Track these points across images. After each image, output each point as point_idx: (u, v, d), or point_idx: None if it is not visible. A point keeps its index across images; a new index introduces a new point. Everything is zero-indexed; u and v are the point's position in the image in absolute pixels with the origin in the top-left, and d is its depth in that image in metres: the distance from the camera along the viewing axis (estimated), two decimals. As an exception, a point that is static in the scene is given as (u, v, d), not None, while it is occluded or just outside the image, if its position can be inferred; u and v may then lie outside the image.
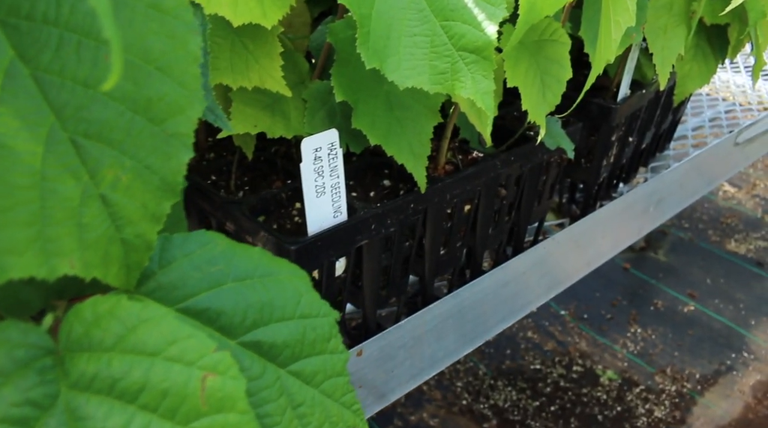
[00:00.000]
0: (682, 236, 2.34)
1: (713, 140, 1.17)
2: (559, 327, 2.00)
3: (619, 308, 2.06)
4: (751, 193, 2.51)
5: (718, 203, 2.47)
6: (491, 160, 0.69)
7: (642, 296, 2.10)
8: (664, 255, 2.25)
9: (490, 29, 0.46)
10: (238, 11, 0.49)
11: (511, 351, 1.90)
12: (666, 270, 2.20)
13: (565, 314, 2.03)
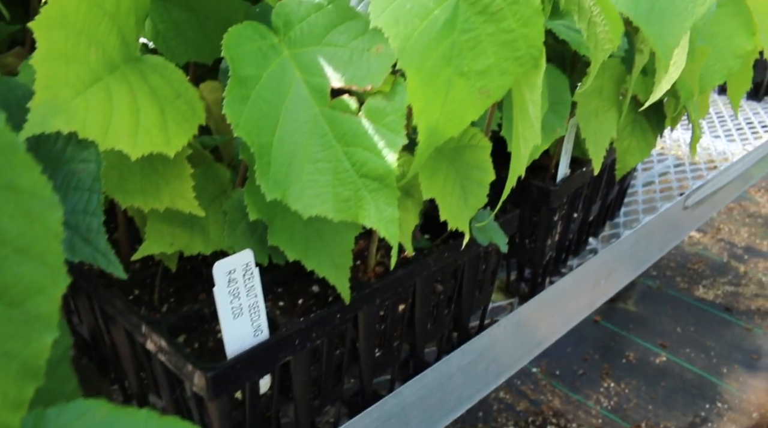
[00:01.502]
0: (650, 284, 2.34)
1: (663, 204, 1.18)
2: (532, 385, 1.97)
3: (591, 362, 2.04)
4: (716, 237, 2.53)
5: (684, 249, 2.48)
6: (424, 259, 0.68)
7: (613, 348, 2.09)
8: (633, 305, 2.25)
9: (390, 158, 0.45)
10: (139, 142, 0.48)
11: (484, 413, 1.87)
12: (636, 320, 2.19)
13: (537, 372, 2.01)
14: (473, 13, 0.44)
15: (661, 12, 0.52)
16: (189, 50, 0.67)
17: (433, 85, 0.44)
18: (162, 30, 0.66)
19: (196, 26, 0.68)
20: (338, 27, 0.48)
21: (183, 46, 0.66)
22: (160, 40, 0.66)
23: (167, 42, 0.66)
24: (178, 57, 0.66)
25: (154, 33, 0.66)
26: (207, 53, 0.68)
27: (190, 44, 0.67)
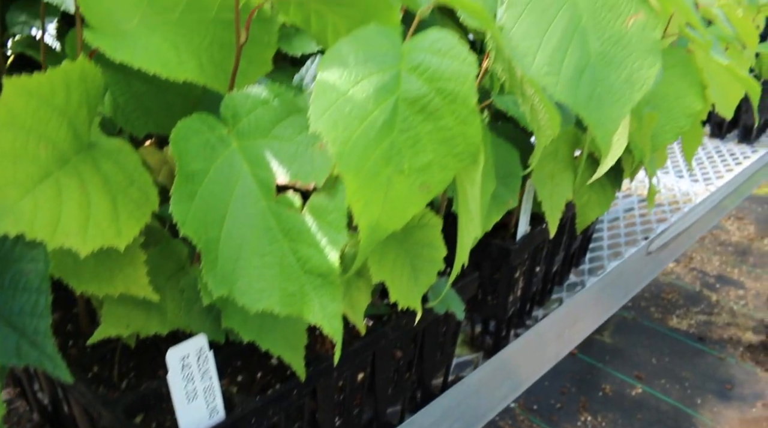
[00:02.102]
0: (626, 315, 2.36)
1: (628, 249, 1.20)
2: (510, 420, 1.97)
3: (568, 395, 2.05)
4: (688, 266, 2.56)
5: (658, 279, 2.51)
6: (382, 328, 0.68)
7: (590, 381, 2.10)
8: (609, 337, 2.26)
9: (332, 256, 0.46)
10: (89, 238, 0.48)
11: (461, 451, 1.86)
12: (612, 352, 2.20)
13: (514, 407, 2.01)
14: (412, 112, 0.46)
15: (599, 99, 0.54)
16: (149, 122, 0.68)
17: (372, 185, 0.45)
18: (122, 103, 0.67)
19: (157, 97, 0.69)
20: (284, 121, 0.50)
21: (143, 118, 0.67)
22: (119, 113, 0.67)
23: (127, 115, 0.67)
24: (139, 129, 0.67)
25: (114, 106, 0.67)
26: (168, 124, 0.69)
27: (150, 116, 0.68)
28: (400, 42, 0.47)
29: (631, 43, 0.55)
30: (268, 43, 0.58)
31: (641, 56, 0.55)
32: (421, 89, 0.46)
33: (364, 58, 0.46)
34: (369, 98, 0.45)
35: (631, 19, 0.55)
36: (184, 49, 0.54)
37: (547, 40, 0.53)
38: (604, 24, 0.55)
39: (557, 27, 0.53)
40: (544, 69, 0.52)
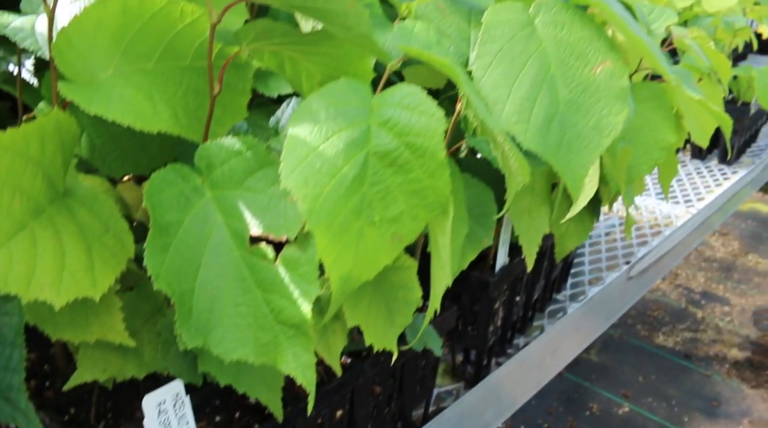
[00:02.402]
0: (612, 333, 2.37)
1: (609, 274, 1.21)
2: (497, 440, 1.97)
3: (555, 415, 2.05)
4: (674, 283, 2.58)
5: (644, 296, 2.52)
6: (360, 365, 0.69)
7: (577, 400, 2.11)
8: (596, 355, 2.27)
9: (305, 307, 0.46)
10: (63, 289, 0.49)
11: (448, 473, 1.86)
12: (599, 371, 2.21)
13: (501, 427, 2.01)
14: (383, 165, 0.47)
15: (568, 145, 0.55)
16: (127, 163, 0.68)
17: (343, 238, 0.45)
18: (99, 144, 0.67)
19: (134, 139, 0.69)
20: (257, 173, 0.50)
21: (121, 160, 0.68)
22: (96, 155, 0.67)
23: (104, 156, 0.67)
24: (116, 171, 0.68)
25: (91, 148, 0.67)
26: (145, 165, 0.69)
27: (128, 157, 0.68)
28: (370, 96, 0.48)
29: (599, 90, 0.56)
30: (243, 90, 0.59)
31: (609, 103, 0.56)
32: (391, 144, 0.46)
33: (334, 113, 0.46)
34: (339, 154, 0.45)
35: (599, 67, 0.56)
36: (158, 98, 0.54)
37: (517, 89, 0.54)
38: (572, 72, 0.56)
39: (526, 76, 0.54)
40: (513, 118, 0.53)
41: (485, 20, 0.55)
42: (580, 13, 0.58)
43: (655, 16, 0.89)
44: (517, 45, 0.55)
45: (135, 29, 0.55)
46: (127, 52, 0.55)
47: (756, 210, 3.10)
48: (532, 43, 0.56)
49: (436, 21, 0.64)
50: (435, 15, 0.64)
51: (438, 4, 0.65)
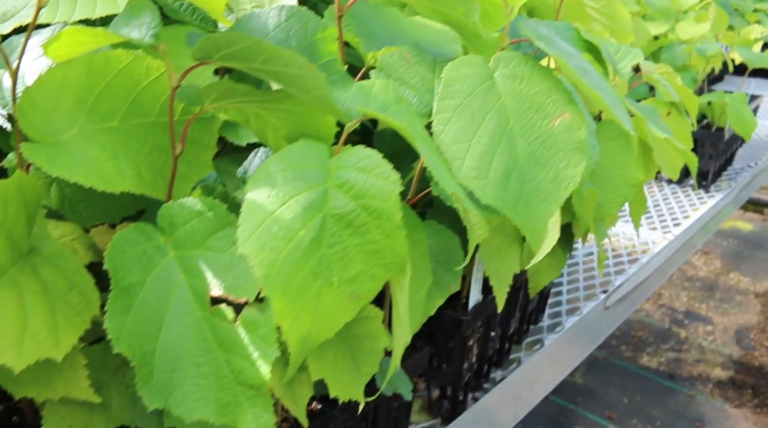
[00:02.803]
0: (597, 354, 2.38)
1: (586, 304, 1.22)
2: (482, 466, 1.97)
3: (540, 439, 2.05)
4: (657, 303, 2.60)
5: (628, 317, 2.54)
6: (330, 411, 0.69)
7: (563, 423, 2.11)
8: (581, 377, 2.28)
9: (263, 369, 0.47)
10: (25, 352, 0.49)
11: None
12: (584, 393, 2.22)
13: (486, 452, 2.01)
14: (340, 227, 0.47)
15: (527, 198, 0.56)
16: (97, 213, 0.68)
17: (301, 300, 0.46)
18: (69, 193, 0.67)
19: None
20: (218, 233, 0.51)
21: (91, 209, 0.68)
22: (67, 205, 0.67)
23: (74, 206, 0.67)
24: (87, 220, 0.68)
25: (60, 198, 0.67)
26: (116, 213, 0.70)
27: (98, 207, 0.68)
28: (328, 158, 0.49)
29: (558, 142, 0.57)
30: (208, 145, 0.60)
31: (568, 155, 0.57)
32: (348, 206, 0.47)
33: (292, 176, 0.47)
34: (297, 217, 0.46)
35: (557, 119, 0.57)
36: (123, 157, 0.55)
37: (476, 144, 0.55)
38: (531, 125, 0.57)
39: (486, 131, 0.55)
40: (472, 173, 0.54)
41: (445, 75, 0.57)
42: (539, 65, 0.59)
43: (621, 55, 0.91)
44: (476, 100, 0.56)
45: (100, 88, 0.56)
46: (91, 111, 0.56)
47: (737, 228, 3.13)
48: (491, 98, 0.57)
49: (400, 71, 0.65)
50: (400, 65, 0.65)
51: (403, 54, 0.67)
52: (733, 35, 1.74)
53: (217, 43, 0.47)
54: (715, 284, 2.70)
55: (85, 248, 0.70)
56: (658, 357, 2.35)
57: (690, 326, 2.48)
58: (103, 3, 0.64)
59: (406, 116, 0.52)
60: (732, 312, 2.53)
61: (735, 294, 2.63)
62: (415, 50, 0.67)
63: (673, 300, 2.61)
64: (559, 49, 0.61)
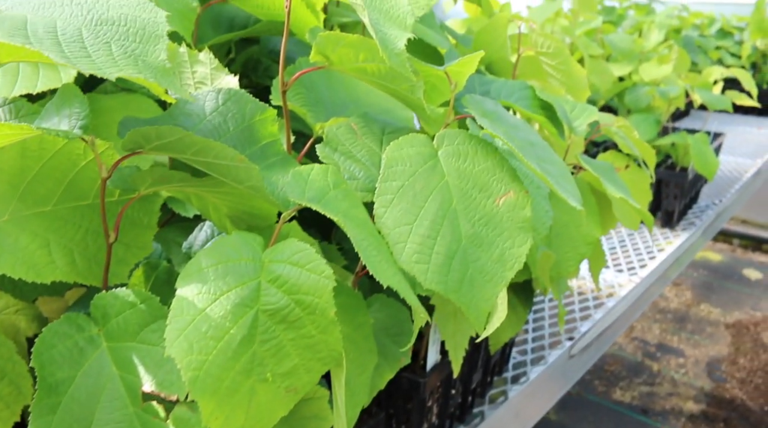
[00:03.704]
0: (570, 390, 2.37)
1: (551, 353, 1.21)
2: None
3: (513, 478, 2.03)
4: (629, 336, 2.60)
5: (601, 350, 2.54)
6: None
7: (536, 462, 2.09)
8: (554, 414, 2.26)
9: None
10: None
11: None
12: (557, 430, 2.20)
13: (460, 494, 1.98)
14: (274, 322, 0.46)
15: (471, 281, 0.55)
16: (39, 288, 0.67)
17: (233, 400, 0.45)
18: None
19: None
20: (152, 325, 0.50)
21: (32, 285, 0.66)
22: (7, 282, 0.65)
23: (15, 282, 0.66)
24: (28, 295, 0.66)
25: (1, 275, 0.66)
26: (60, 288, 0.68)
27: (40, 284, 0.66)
28: (261, 250, 0.48)
29: (502, 222, 0.56)
30: (148, 225, 0.58)
31: (512, 234, 0.56)
32: (281, 301, 0.46)
33: (223, 271, 0.46)
34: (227, 315, 0.45)
35: (502, 198, 0.57)
36: (55, 244, 0.54)
37: (418, 226, 0.54)
38: (475, 205, 0.56)
39: (428, 212, 0.55)
40: (414, 257, 0.53)
41: (387, 156, 0.56)
42: (483, 143, 0.59)
43: (577, 113, 0.91)
44: (419, 180, 0.56)
45: (34, 171, 0.55)
46: (24, 195, 0.54)
47: (707, 259, 3.16)
48: (434, 178, 0.56)
49: (347, 145, 0.64)
50: (346, 138, 0.65)
51: (351, 125, 0.66)
52: (694, 76, 1.76)
53: (147, 136, 0.46)
54: (686, 315, 2.71)
55: (29, 320, 0.68)
56: (631, 392, 2.34)
57: (662, 359, 2.48)
58: (45, 78, 0.63)
59: (345, 202, 0.51)
60: (703, 344, 2.54)
61: (706, 326, 2.64)
62: (363, 121, 0.67)
63: (645, 333, 2.61)
64: (504, 125, 0.61)
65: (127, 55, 0.44)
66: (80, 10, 0.46)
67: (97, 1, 0.47)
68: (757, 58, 2.66)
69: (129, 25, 0.46)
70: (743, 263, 3.14)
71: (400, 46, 0.54)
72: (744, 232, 3.26)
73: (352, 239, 0.47)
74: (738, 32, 2.74)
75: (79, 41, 0.44)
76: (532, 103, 0.88)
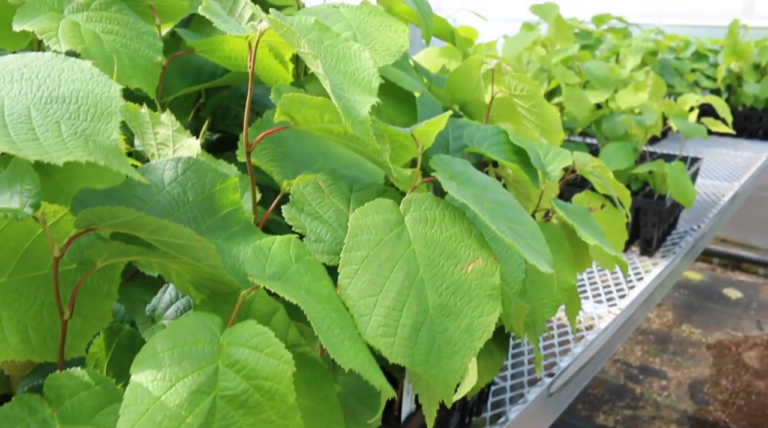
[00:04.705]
0: (552, 415, 2.36)
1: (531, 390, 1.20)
2: None
3: None
4: (612, 359, 2.60)
5: (583, 373, 2.53)
6: None
7: (519, 490, 2.07)
8: (536, 439, 2.25)
9: None
10: None
11: None
12: (540, 456, 2.19)
13: None
14: (232, 408, 0.45)
15: (438, 352, 0.54)
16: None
17: (189, 493, 0.43)
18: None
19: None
20: (107, 408, 0.48)
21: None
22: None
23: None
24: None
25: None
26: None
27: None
28: (220, 332, 0.46)
29: (471, 290, 0.55)
30: (108, 293, 0.57)
31: (481, 302, 0.55)
32: (240, 386, 0.44)
33: (180, 356, 0.44)
34: (183, 403, 0.43)
35: (470, 265, 0.56)
36: (7, 319, 0.52)
37: (383, 298, 0.53)
38: (442, 273, 0.55)
39: (394, 283, 0.54)
40: (379, 330, 0.52)
41: (351, 224, 0.55)
42: (451, 207, 0.58)
43: (551, 157, 0.90)
44: (384, 249, 0.54)
45: (-14, 242, 0.53)
46: (-25, 268, 0.52)
47: (688, 278, 3.17)
48: (400, 246, 0.55)
49: (314, 204, 0.63)
50: (313, 197, 0.63)
51: (318, 183, 0.65)
52: (671, 103, 1.77)
53: (101, 216, 0.45)
54: (668, 336, 2.72)
55: (-11, 381, 0.66)
56: (614, 415, 2.34)
57: (645, 381, 2.48)
58: None
59: (307, 276, 0.50)
60: (685, 366, 2.55)
61: (687, 347, 2.64)
62: (331, 177, 0.65)
63: (627, 355, 2.61)
64: (472, 187, 0.60)
65: (77, 136, 0.43)
66: (30, 86, 0.45)
67: (48, 76, 0.46)
68: (732, 81, 2.69)
69: (80, 103, 0.45)
70: (723, 283, 3.15)
71: (364, 113, 0.53)
72: (724, 251, 3.28)
73: (311, 321, 0.46)
74: (713, 55, 2.77)
75: (27, 122, 0.43)
76: (505, 149, 0.88)
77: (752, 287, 3.10)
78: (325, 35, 0.59)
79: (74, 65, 0.47)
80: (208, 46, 0.71)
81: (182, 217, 0.52)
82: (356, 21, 0.85)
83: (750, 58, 2.62)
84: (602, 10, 2.84)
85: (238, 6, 0.84)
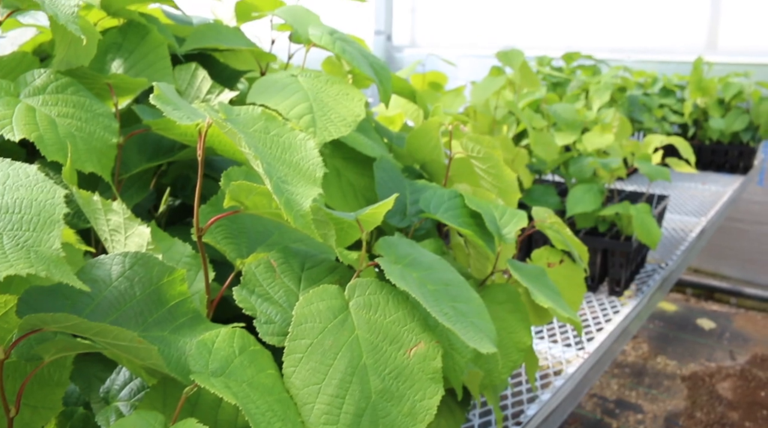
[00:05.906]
0: (529, 451, 2.36)
1: (497, 439, 1.20)
2: None
3: None
4: (588, 393, 2.61)
5: (560, 408, 2.54)
6: None
7: None
8: (514, 477, 2.25)
9: None
10: None
11: None
12: (517, 494, 2.19)
13: None
14: None
15: (382, 437, 0.55)
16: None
17: None
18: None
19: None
20: None
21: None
22: None
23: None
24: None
25: None
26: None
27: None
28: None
29: (413, 374, 0.57)
30: (59, 382, 0.57)
31: (423, 386, 0.57)
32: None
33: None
34: None
35: (413, 349, 0.58)
36: (-44, 416, 0.52)
37: (326, 386, 0.54)
38: (385, 358, 0.57)
39: (337, 370, 0.55)
40: (322, 419, 0.53)
41: (296, 313, 0.56)
42: (395, 291, 0.60)
43: (507, 220, 0.93)
44: (328, 337, 0.56)
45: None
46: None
47: (662, 309, 3.20)
48: (344, 333, 0.57)
49: (265, 285, 0.64)
50: (264, 278, 0.65)
51: (270, 262, 0.66)
52: (636, 144, 1.81)
53: (44, 321, 0.46)
54: (643, 369, 2.74)
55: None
56: (590, 451, 2.34)
57: (621, 415, 2.49)
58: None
59: (251, 368, 0.52)
60: (661, 398, 2.57)
61: (663, 379, 2.67)
62: (283, 256, 0.67)
63: (603, 389, 2.63)
64: (418, 269, 0.62)
65: (19, 248, 0.44)
66: (-25, 196, 0.46)
67: (-6, 184, 0.48)
68: (699, 116, 2.75)
69: (23, 212, 0.46)
70: (697, 313, 3.19)
71: (305, 206, 0.55)
72: (696, 281, 3.32)
73: (248, 419, 0.47)
74: (680, 90, 2.83)
75: (-30, 235, 0.44)
76: (461, 213, 0.90)
77: (725, 317, 3.14)
78: (271, 125, 0.61)
79: (20, 171, 0.49)
80: (164, 125, 0.73)
81: (130, 311, 0.53)
82: (313, 91, 0.87)
83: (714, 94, 2.69)
84: (572, 46, 2.91)
85: (196, 79, 0.86)
